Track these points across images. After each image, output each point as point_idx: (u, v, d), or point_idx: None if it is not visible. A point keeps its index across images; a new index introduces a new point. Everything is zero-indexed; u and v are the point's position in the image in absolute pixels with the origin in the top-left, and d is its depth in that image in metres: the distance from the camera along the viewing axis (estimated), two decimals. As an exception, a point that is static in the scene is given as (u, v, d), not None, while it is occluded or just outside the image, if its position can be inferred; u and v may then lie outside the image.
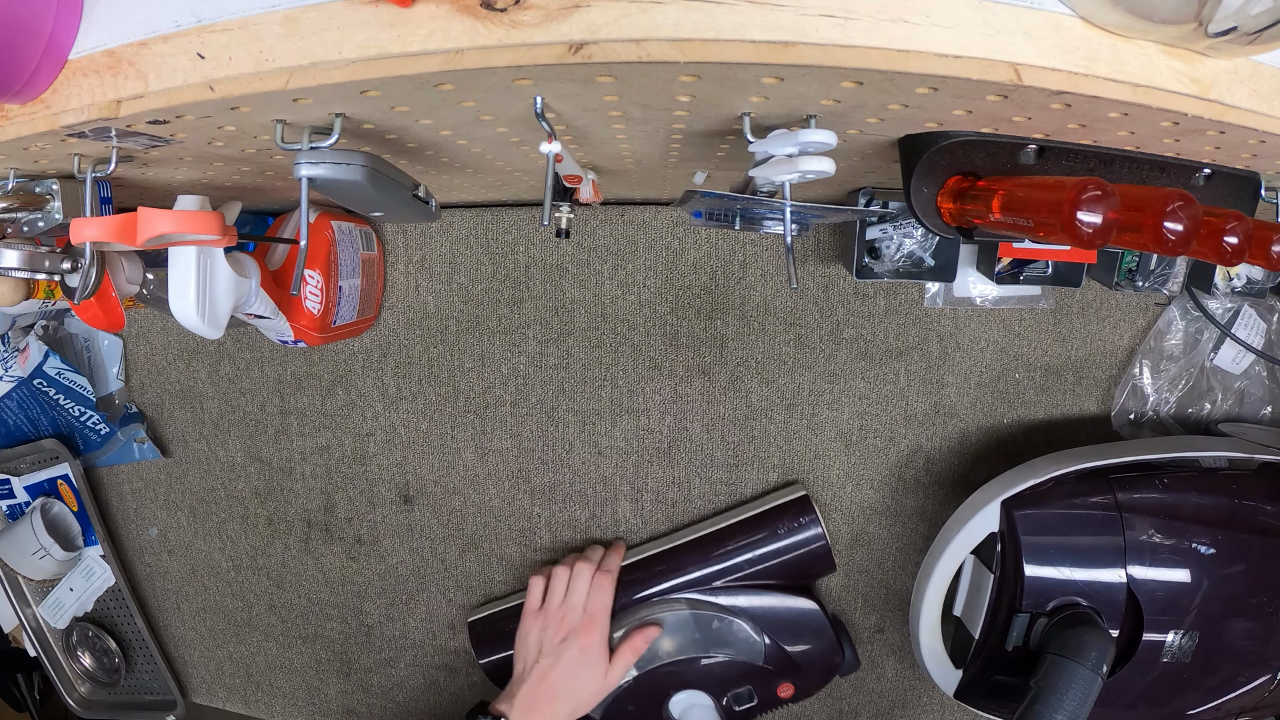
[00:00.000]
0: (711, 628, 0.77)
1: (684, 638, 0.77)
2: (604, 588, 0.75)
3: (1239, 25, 0.28)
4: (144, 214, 0.41)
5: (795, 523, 0.77)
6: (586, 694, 0.72)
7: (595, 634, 0.73)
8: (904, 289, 0.78)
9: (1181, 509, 0.63)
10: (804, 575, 0.79)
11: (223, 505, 0.90)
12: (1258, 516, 0.63)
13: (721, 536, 0.79)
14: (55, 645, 0.93)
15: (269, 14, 0.31)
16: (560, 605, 0.74)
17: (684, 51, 0.29)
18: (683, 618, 0.76)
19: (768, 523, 0.78)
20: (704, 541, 0.79)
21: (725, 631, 0.77)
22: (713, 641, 0.77)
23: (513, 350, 0.82)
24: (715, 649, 0.77)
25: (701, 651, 0.77)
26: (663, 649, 0.77)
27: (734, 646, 0.77)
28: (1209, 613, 0.61)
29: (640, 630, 0.75)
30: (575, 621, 0.73)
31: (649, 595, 0.78)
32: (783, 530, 0.78)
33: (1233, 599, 0.62)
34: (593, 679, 0.72)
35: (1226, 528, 0.62)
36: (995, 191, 0.38)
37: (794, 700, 0.80)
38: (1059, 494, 0.66)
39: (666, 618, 0.76)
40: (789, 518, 0.78)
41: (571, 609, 0.74)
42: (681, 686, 0.77)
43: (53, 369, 0.85)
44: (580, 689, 0.71)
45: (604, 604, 0.74)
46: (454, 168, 0.54)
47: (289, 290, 0.53)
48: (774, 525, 0.78)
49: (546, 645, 0.73)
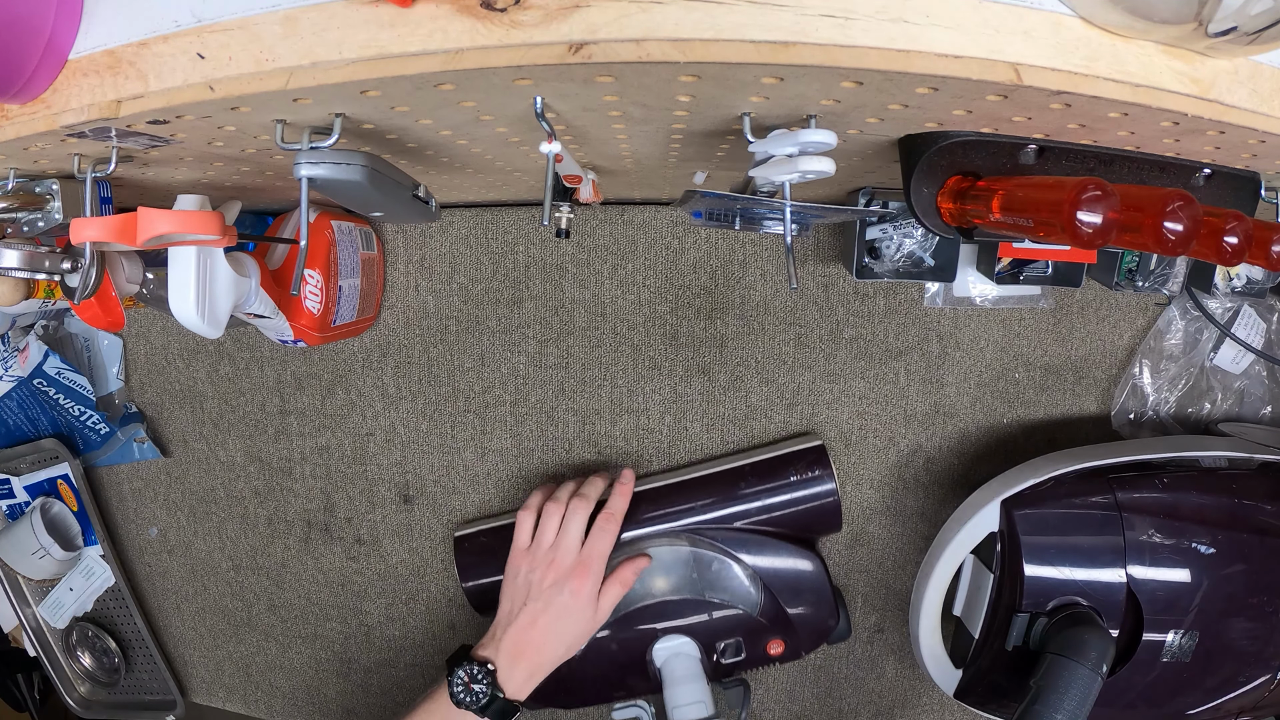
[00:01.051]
0: (710, 569, 0.73)
1: (680, 577, 0.73)
2: (606, 531, 0.69)
3: (1239, 25, 0.28)
4: (144, 214, 0.41)
5: (809, 473, 0.74)
6: (574, 637, 0.68)
7: (589, 580, 0.67)
8: (904, 289, 0.78)
9: (1181, 509, 0.63)
10: (809, 529, 0.76)
11: (223, 505, 0.90)
12: (1258, 516, 0.63)
13: (731, 477, 0.76)
14: (55, 645, 0.93)
15: (269, 14, 0.31)
16: (551, 547, 0.69)
17: (684, 51, 0.29)
18: (682, 554, 0.73)
19: (780, 469, 0.75)
20: (711, 480, 0.76)
21: (724, 576, 0.73)
22: (709, 585, 0.73)
23: (513, 350, 0.82)
24: (710, 593, 0.73)
25: (696, 594, 0.73)
26: (656, 586, 0.73)
27: (730, 593, 0.73)
28: (1209, 612, 0.61)
29: (630, 562, 0.71)
30: (567, 565, 0.68)
31: (649, 529, 0.74)
32: (795, 479, 0.74)
33: (1233, 598, 0.62)
34: (581, 621, 0.68)
35: (1226, 527, 0.62)
36: (995, 191, 0.38)
37: (781, 660, 0.77)
38: (1059, 494, 0.66)
39: (664, 552, 0.73)
40: (803, 466, 0.74)
41: (564, 551, 0.68)
42: (670, 630, 0.74)
43: (53, 369, 0.85)
44: (568, 632, 0.67)
45: (602, 550, 0.68)
46: (454, 168, 0.54)
47: (289, 290, 0.53)
48: (786, 472, 0.75)
49: (535, 588, 0.68)
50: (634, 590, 0.72)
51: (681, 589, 0.74)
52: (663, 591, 0.74)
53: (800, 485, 0.74)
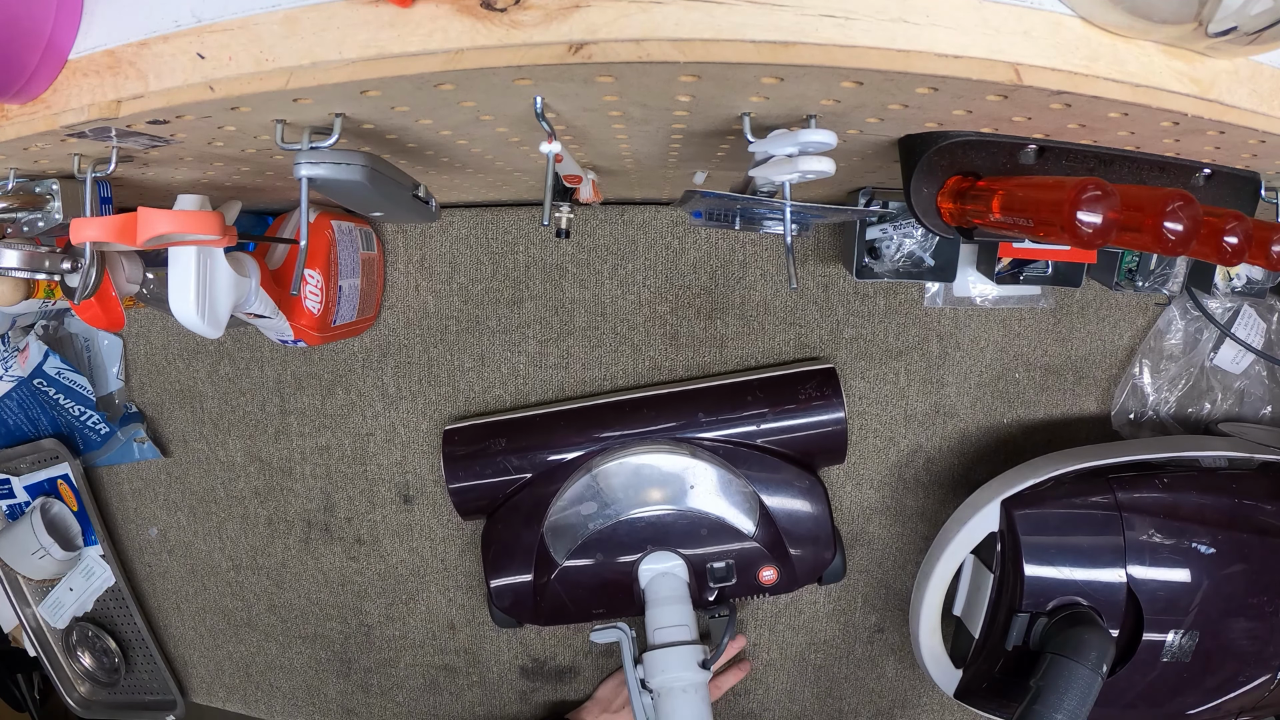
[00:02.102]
0: (707, 484, 0.71)
1: (675, 489, 0.71)
2: None
3: (1239, 25, 0.28)
4: (144, 214, 0.41)
5: (819, 395, 0.72)
6: None
7: None
8: (904, 289, 0.78)
9: (1181, 509, 0.63)
10: (812, 456, 0.74)
11: (223, 505, 0.90)
12: (1258, 516, 0.63)
13: (737, 391, 0.74)
14: (55, 645, 0.93)
15: (269, 14, 0.31)
16: None
17: (684, 51, 0.29)
18: (680, 464, 0.71)
19: (789, 388, 0.73)
20: (716, 392, 0.74)
21: (722, 492, 0.71)
22: (705, 501, 0.71)
23: (513, 350, 0.82)
24: (708, 507, 0.71)
25: (690, 509, 0.71)
26: (650, 497, 0.71)
27: (726, 512, 0.71)
28: (1209, 612, 0.61)
29: (736, 670, 0.71)
30: None
31: (653, 431, 0.72)
32: (804, 399, 0.72)
33: (1233, 598, 0.62)
34: None
35: (1226, 527, 0.62)
36: (995, 191, 0.38)
37: (772, 591, 0.74)
38: (1059, 494, 0.66)
39: (661, 460, 0.71)
40: (813, 387, 0.72)
41: None
42: (660, 543, 0.71)
43: (53, 369, 0.85)
44: None
45: None
46: (454, 168, 0.54)
47: (289, 290, 0.53)
48: (796, 392, 0.72)
49: None
50: (625, 498, 0.70)
51: (678, 498, 0.71)
52: (656, 503, 0.71)
53: (808, 407, 0.72)
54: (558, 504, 0.73)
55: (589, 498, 0.72)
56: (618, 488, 0.72)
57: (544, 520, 0.73)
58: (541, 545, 0.73)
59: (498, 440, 0.75)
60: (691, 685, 0.67)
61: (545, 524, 0.73)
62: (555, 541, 0.73)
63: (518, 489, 0.75)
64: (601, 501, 0.72)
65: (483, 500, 0.76)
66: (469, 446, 0.77)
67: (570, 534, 0.73)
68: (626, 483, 0.72)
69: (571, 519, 0.73)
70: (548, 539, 0.73)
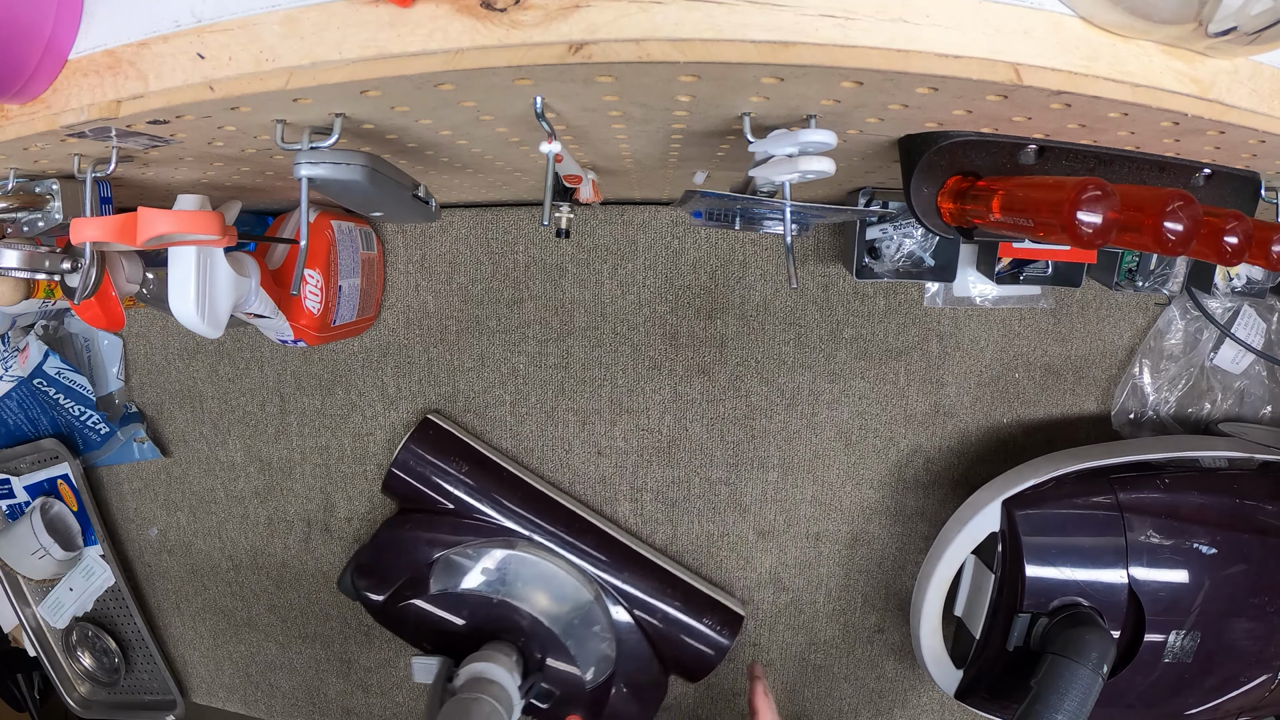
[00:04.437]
0: (588, 627, 0.77)
1: (564, 610, 0.76)
2: None
3: (1239, 25, 0.28)
4: (144, 214, 0.41)
5: (719, 627, 0.79)
6: None
7: None
8: (904, 289, 0.78)
9: (1183, 509, 0.63)
10: (677, 663, 0.80)
11: (223, 505, 0.90)
12: (1258, 516, 0.63)
13: (667, 577, 0.80)
14: (55, 645, 0.93)
15: (269, 14, 0.31)
16: None
17: (684, 51, 0.29)
18: (581, 600, 0.76)
19: (703, 604, 0.79)
20: (652, 566, 0.80)
21: (591, 639, 0.77)
22: (576, 635, 0.76)
23: (512, 350, 0.82)
24: (572, 642, 0.76)
25: (561, 633, 0.76)
26: (540, 604, 0.76)
27: (585, 655, 0.77)
28: (1210, 612, 0.61)
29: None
30: None
31: (580, 559, 0.77)
32: (706, 622, 0.79)
33: (1234, 599, 0.62)
34: None
35: (1227, 528, 0.62)
36: (995, 191, 0.38)
37: None
38: (1060, 494, 0.66)
39: (570, 586, 0.76)
40: (719, 619, 0.79)
41: None
42: (514, 635, 0.76)
43: (53, 369, 0.85)
44: None
45: None
46: (454, 168, 0.53)
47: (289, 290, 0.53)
48: (704, 612, 0.79)
49: None
50: (518, 587, 0.75)
51: (554, 620, 0.76)
52: (541, 610, 0.76)
53: (704, 629, 0.79)
54: (464, 548, 0.77)
55: (491, 565, 0.77)
56: (520, 574, 0.77)
57: (444, 550, 0.77)
58: (427, 567, 0.77)
59: (462, 464, 0.78)
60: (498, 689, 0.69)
61: (442, 554, 0.77)
62: (439, 572, 0.77)
63: (445, 511, 0.78)
64: (500, 575, 0.77)
65: (409, 495, 0.79)
66: (435, 448, 0.79)
67: (454, 577, 0.77)
68: (530, 576, 0.77)
69: (464, 568, 0.77)
70: (436, 566, 0.77)
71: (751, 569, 0.85)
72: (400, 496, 0.80)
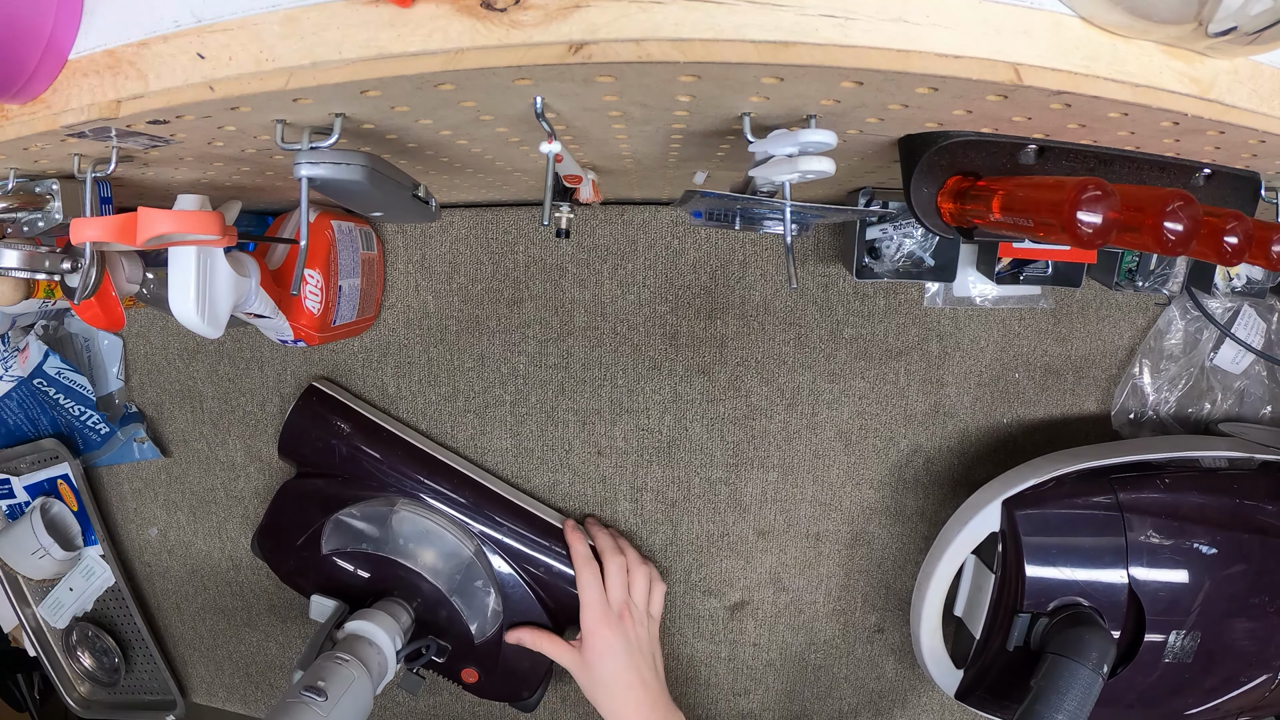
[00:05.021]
0: (473, 582, 0.78)
1: (449, 566, 0.78)
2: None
3: (1239, 25, 0.28)
4: (144, 214, 0.41)
5: None
6: None
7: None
8: (904, 289, 0.78)
9: (1182, 509, 0.63)
10: (571, 614, 0.79)
11: (223, 505, 0.90)
12: (1258, 516, 0.63)
13: (547, 528, 0.80)
14: (55, 645, 0.93)
15: (269, 14, 0.31)
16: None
17: (684, 51, 0.29)
18: (463, 556, 0.78)
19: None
20: (532, 520, 0.80)
21: (477, 595, 0.78)
22: (461, 590, 0.78)
23: (512, 350, 0.82)
24: (458, 598, 0.78)
25: (447, 589, 0.78)
26: (427, 560, 0.78)
27: (473, 610, 0.78)
28: (1210, 613, 0.61)
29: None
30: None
31: (463, 509, 0.79)
32: None
33: (1234, 599, 0.62)
34: None
35: (1227, 528, 0.62)
36: (995, 191, 0.38)
37: (466, 687, 0.82)
38: (1060, 494, 0.66)
39: (451, 542, 0.78)
40: None
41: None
42: (404, 595, 0.78)
43: (53, 369, 0.85)
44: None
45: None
46: (454, 168, 0.54)
47: (289, 290, 0.53)
48: None
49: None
50: (402, 545, 0.78)
51: (438, 576, 0.78)
52: (423, 564, 0.78)
53: None
54: (352, 509, 0.79)
55: (377, 523, 0.79)
56: (403, 533, 0.79)
57: (333, 513, 0.79)
58: (320, 528, 0.79)
59: (344, 426, 0.80)
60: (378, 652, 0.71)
61: (333, 516, 0.79)
62: (331, 533, 0.79)
63: (334, 474, 0.80)
64: (385, 534, 0.79)
65: (303, 459, 0.81)
66: (318, 414, 0.81)
67: (344, 537, 0.79)
68: (413, 534, 0.78)
69: (353, 528, 0.79)
70: (326, 527, 0.79)
71: (751, 569, 0.85)
72: (296, 460, 0.82)
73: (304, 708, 0.62)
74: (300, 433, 0.80)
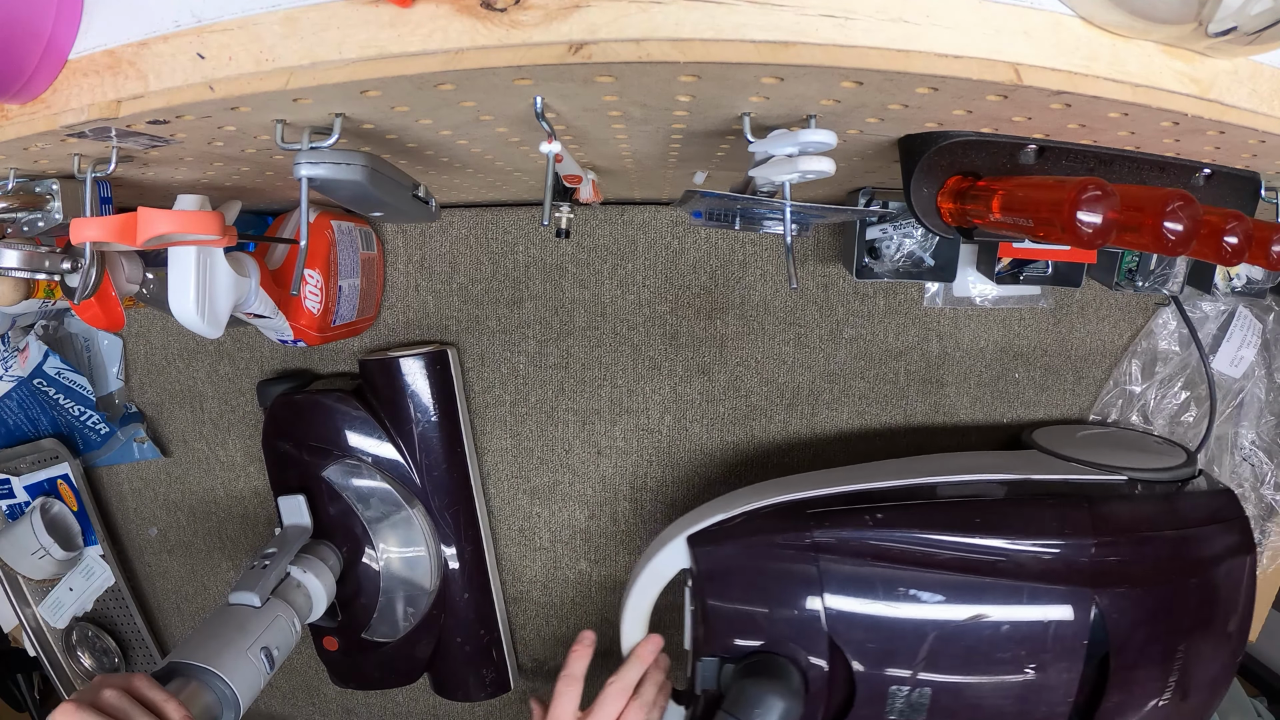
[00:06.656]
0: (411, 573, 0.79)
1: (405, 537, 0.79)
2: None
3: (1239, 25, 0.28)
4: (144, 214, 0.41)
5: None
6: None
7: None
8: (904, 289, 0.78)
9: (893, 551, 0.56)
10: None
11: (223, 505, 0.90)
12: (992, 556, 0.56)
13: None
14: (55, 645, 0.93)
15: (269, 14, 0.31)
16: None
17: (684, 51, 0.29)
18: (415, 530, 0.79)
19: None
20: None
21: (414, 559, 0.79)
22: (396, 538, 0.79)
23: (512, 350, 0.82)
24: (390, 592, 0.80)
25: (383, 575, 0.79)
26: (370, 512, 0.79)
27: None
28: (941, 666, 0.54)
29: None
30: None
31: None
32: None
33: (973, 651, 0.54)
34: None
35: (953, 569, 0.55)
36: (995, 191, 0.38)
37: (327, 651, 0.82)
38: (748, 530, 0.60)
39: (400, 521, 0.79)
40: None
41: None
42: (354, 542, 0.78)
43: (53, 369, 0.85)
44: None
45: None
46: (454, 168, 0.54)
47: (289, 290, 0.53)
48: None
49: None
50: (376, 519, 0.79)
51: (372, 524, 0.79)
52: (369, 519, 0.79)
53: None
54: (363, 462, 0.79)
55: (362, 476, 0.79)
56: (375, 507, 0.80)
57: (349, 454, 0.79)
58: (331, 451, 0.79)
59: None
60: None
61: (344, 459, 0.79)
62: (333, 470, 0.79)
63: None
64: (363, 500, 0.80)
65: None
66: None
67: (344, 474, 0.79)
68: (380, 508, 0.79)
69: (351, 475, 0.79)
70: (334, 457, 0.79)
71: (751, 569, 0.85)
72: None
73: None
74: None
